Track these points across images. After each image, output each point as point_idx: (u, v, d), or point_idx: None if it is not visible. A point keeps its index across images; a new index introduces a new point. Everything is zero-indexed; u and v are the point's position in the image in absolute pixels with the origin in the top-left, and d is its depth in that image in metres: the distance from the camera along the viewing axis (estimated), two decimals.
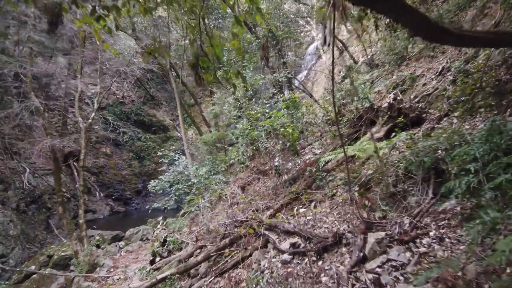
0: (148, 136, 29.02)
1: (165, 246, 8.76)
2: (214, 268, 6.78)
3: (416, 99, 9.15)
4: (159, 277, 6.76)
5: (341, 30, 23.90)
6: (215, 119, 14.17)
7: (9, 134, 19.04)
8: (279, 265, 5.86)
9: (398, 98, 8.72)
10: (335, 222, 6.32)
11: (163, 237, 8.99)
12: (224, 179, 9.58)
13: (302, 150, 9.39)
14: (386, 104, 8.83)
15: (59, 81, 14.75)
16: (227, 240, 7.05)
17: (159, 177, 11.82)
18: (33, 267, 13.33)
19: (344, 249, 5.23)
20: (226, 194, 8.31)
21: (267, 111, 8.71)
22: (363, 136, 8.85)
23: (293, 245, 6.15)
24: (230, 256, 6.73)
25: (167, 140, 29.17)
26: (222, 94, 12.86)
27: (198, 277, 7.00)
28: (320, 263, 5.32)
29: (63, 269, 12.93)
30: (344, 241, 5.35)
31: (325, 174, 7.33)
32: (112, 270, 10.98)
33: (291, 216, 7.14)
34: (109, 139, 28.08)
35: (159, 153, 12.92)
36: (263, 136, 8.07)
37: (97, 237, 15.61)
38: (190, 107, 31.25)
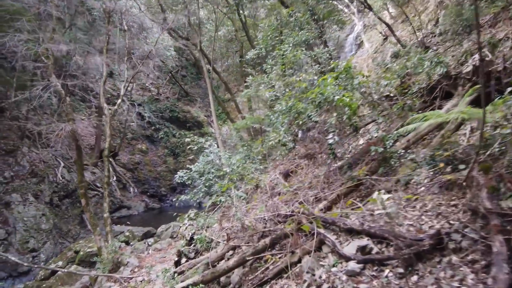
0: (183, 132, 27.89)
1: (192, 245, 7.09)
2: (250, 277, 4.97)
3: (508, 62, 6.87)
4: (178, 286, 5.05)
5: (384, 15, 21.47)
6: (249, 104, 12.42)
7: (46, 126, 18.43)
8: (344, 277, 3.95)
9: (487, 58, 6.51)
10: (422, 217, 4.31)
11: (190, 234, 7.33)
12: (261, 167, 7.79)
13: (359, 130, 7.37)
14: (469, 68, 6.65)
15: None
16: (267, 240, 5.22)
17: (188, 166, 10.21)
18: (60, 263, 12.22)
19: (454, 258, 3.23)
20: (265, 183, 6.49)
21: (315, 78, 6.83)
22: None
23: (361, 249, 4.21)
24: (272, 262, 4.89)
25: (202, 136, 27.74)
26: (257, 75, 11.11)
27: (230, 287, 5.21)
28: (414, 278, 3.35)
29: (89, 266, 11.69)
30: (451, 246, 3.34)
31: (402, 152, 5.30)
32: (136, 270, 9.50)
33: (352, 209, 5.18)
34: (145, 135, 27.32)
35: (187, 139, 11.33)
36: (311, 109, 6.18)
37: (127, 233, 14.37)
38: (224, 103, 29.87)
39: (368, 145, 5.80)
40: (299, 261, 4.81)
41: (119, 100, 12.37)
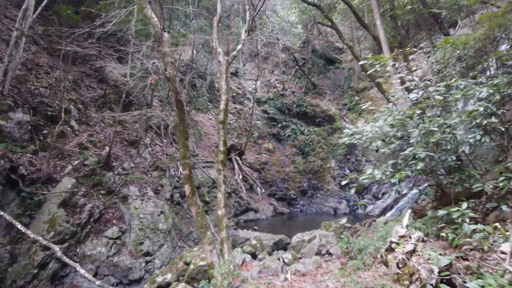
0: (312, 129, 23.04)
1: None
2: None
3: None
4: None
5: None
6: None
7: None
8: None
9: None
10: None
11: None
12: None
13: None
14: None
15: None
16: None
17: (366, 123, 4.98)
18: (169, 276, 8.50)
19: None
20: None
21: None
22: None
23: None
24: None
25: (334, 132, 22.44)
26: None
27: None
28: None
29: None
30: None
31: None
32: None
33: None
34: (271, 134, 23.58)
35: (361, 62, 6.16)
36: None
37: (253, 241, 9.94)
38: (358, 93, 23.94)
39: None
40: None
41: (239, 46, 8.17)
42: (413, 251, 2.85)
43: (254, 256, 8.94)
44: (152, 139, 14.46)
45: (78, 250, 9.68)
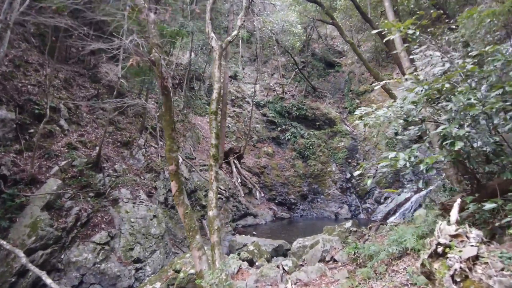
0: (312, 132, 22.27)
1: None
2: None
3: None
4: None
5: None
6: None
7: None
8: None
9: None
10: None
11: None
12: None
13: None
14: None
15: None
16: None
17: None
18: (158, 285, 7.64)
19: None
20: None
21: None
22: None
23: None
24: None
25: (334, 136, 21.67)
26: None
27: None
28: None
29: None
30: None
31: None
32: None
33: None
34: (271, 137, 22.81)
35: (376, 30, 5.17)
36: None
37: (251, 247, 9.11)
38: (359, 96, 23.26)
39: None
40: None
41: (235, 32, 7.45)
42: (476, 257, 2.00)
43: (251, 263, 8.10)
44: (146, 140, 13.70)
45: (62, 257, 8.86)
